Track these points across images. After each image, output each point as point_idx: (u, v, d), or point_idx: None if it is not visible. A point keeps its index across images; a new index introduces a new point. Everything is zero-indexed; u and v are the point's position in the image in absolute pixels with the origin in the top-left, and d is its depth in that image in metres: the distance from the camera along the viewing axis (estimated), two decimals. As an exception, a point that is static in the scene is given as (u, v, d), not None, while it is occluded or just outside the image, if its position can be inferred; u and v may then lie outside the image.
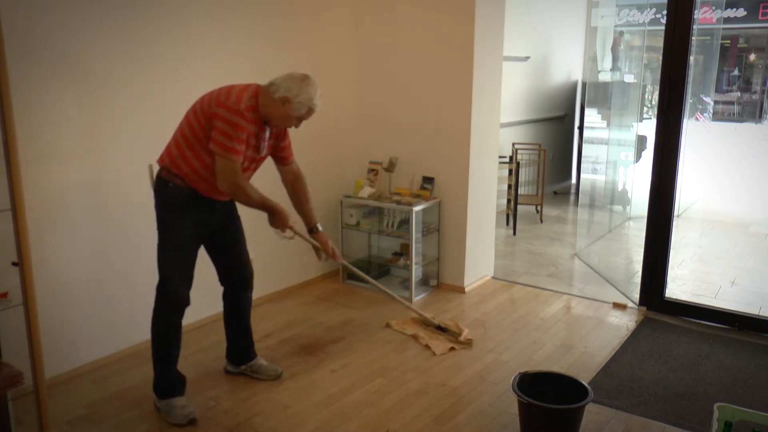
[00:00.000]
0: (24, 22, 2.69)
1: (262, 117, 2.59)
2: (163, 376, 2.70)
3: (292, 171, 2.91)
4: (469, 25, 3.94)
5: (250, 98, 2.53)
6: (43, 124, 2.82)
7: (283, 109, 2.56)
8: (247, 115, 2.49)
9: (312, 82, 2.60)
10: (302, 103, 2.57)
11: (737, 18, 14.00)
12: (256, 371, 3.03)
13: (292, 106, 2.56)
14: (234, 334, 3.03)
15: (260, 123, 2.60)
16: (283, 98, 2.54)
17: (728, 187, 8.60)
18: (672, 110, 3.66)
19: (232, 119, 2.47)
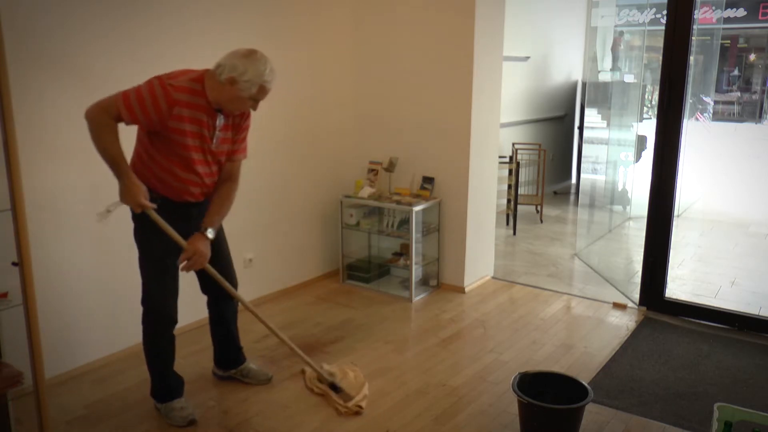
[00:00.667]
0: (24, 22, 2.69)
1: (213, 104, 2.38)
2: (159, 382, 2.69)
3: (231, 169, 2.62)
4: (469, 25, 3.94)
5: (190, 80, 2.34)
6: (43, 124, 2.82)
7: (231, 90, 2.34)
8: (173, 95, 2.28)
9: (259, 56, 2.38)
10: (251, 81, 2.34)
11: (737, 18, 13.99)
12: (245, 375, 2.99)
13: (240, 86, 2.33)
14: (221, 341, 2.97)
15: (208, 110, 2.39)
16: (230, 78, 2.32)
17: (728, 187, 8.60)
18: (672, 110, 3.66)
19: (155, 89, 2.28)
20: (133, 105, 2.27)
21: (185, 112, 2.33)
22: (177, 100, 2.30)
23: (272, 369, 3.13)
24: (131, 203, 2.38)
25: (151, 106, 2.28)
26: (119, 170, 2.34)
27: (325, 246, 4.49)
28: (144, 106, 2.27)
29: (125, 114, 2.28)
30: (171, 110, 2.30)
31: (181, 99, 2.31)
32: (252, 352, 3.31)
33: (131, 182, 2.35)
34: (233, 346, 2.99)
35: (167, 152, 2.42)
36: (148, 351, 2.65)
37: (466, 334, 3.61)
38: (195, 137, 2.39)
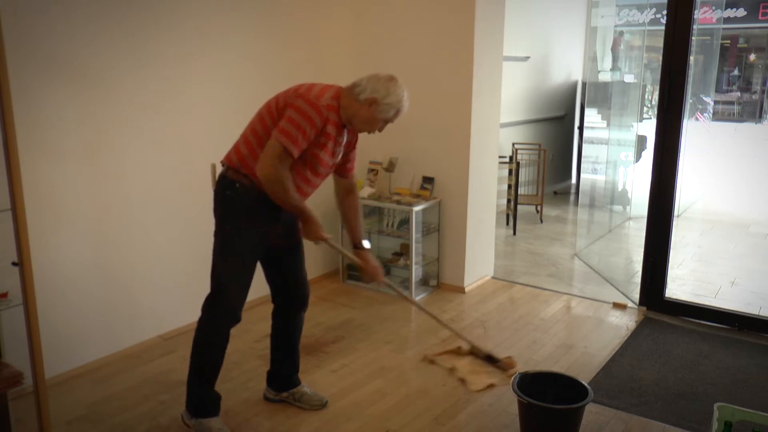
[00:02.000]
0: (24, 22, 2.69)
1: (344, 120, 2.41)
2: (199, 393, 2.52)
3: (348, 184, 2.68)
4: (469, 25, 3.94)
5: (331, 98, 2.37)
6: (43, 124, 2.82)
7: (369, 111, 2.38)
8: (325, 114, 2.31)
9: (400, 83, 2.42)
10: (391, 105, 2.38)
11: (737, 18, 14.00)
12: (298, 399, 2.79)
13: (380, 108, 2.37)
14: (280, 357, 2.78)
15: (340, 127, 2.42)
16: (371, 99, 2.36)
17: (728, 187, 8.60)
18: (672, 110, 3.66)
19: (307, 110, 2.28)
20: (297, 138, 2.27)
21: (330, 129, 2.36)
22: (328, 119, 2.33)
23: (272, 369, 3.14)
24: (314, 238, 2.50)
25: (310, 129, 2.30)
26: (303, 210, 2.42)
27: (326, 246, 4.48)
28: (304, 132, 2.28)
29: (294, 150, 2.28)
30: (325, 128, 2.34)
31: (330, 117, 2.34)
32: (252, 352, 3.31)
33: (314, 222, 2.46)
34: (293, 364, 2.81)
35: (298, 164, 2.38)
36: (199, 349, 2.51)
37: (466, 334, 3.60)
38: (327, 152, 2.42)
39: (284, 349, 2.77)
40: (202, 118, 3.48)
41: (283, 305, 2.73)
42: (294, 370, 2.82)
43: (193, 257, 3.51)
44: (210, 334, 2.50)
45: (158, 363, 3.20)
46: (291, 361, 2.80)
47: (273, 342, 2.79)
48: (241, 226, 2.42)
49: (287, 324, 2.75)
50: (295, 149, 2.27)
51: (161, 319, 3.45)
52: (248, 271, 2.48)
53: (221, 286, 2.46)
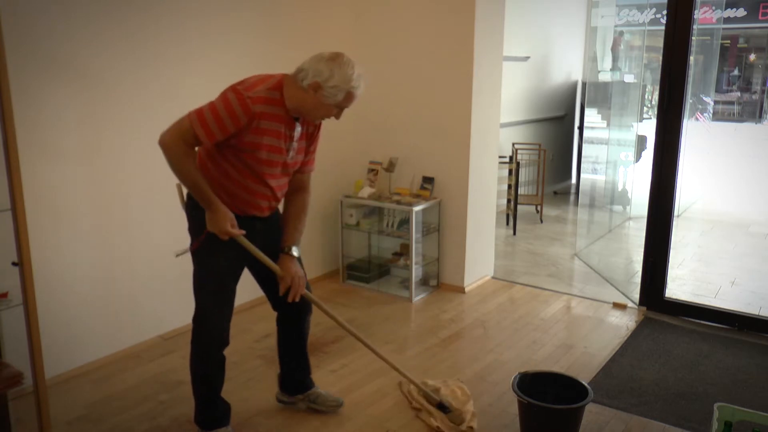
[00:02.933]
0: (24, 22, 2.69)
1: (292, 111, 2.20)
2: (205, 408, 2.47)
3: (302, 181, 2.46)
4: (469, 25, 3.94)
5: (268, 89, 2.14)
6: (43, 124, 2.82)
7: (315, 97, 2.15)
8: (252, 108, 2.09)
9: (346, 60, 2.19)
10: (337, 87, 2.14)
11: (737, 18, 14.00)
12: (313, 401, 2.71)
13: (324, 93, 2.14)
14: (289, 363, 2.70)
15: (287, 119, 2.21)
16: (314, 84, 2.13)
17: (728, 187, 8.60)
18: (672, 110, 3.66)
19: (231, 102, 2.08)
20: (210, 124, 2.08)
21: (264, 124, 2.14)
22: (256, 113, 2.11)
23: (272, 369, 3.14)
24: (219, 232, 2.20)
25: (230, 122, 2.09)
26: (205, 198, 2.17)
27: (325, 246, 4.49)
28: (222, 124, 2.08)
29: (203, 135, 2.09)
30: (251, 124, 2.11)
31: (260, 111, 2.11)
32: (252, 352, 3.31)
33: (219, 210, 2.18)
34: (302, 368, 2.72)
35: (238, 164, 2.22)
36: (194, 373, 2.43)
37: (466, 334, 3.61)
38: (271, 150, 2.20)
39: (292, 354, 2.69)
40: (202, 118, 3.47)
41: (285, 314, 2.62)
42: (305, 373, 2.74)
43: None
44: (202, 365, 2.41)
45: (158, 363, 3.20)
46: (301, 366, 2.72)
47: (280, 349, 2.70)
48: (213, 253, 2.27)
49: (292, 331, 2.65)
50: (203, 135, 2.08)
51: (161, 319, 3.45)
52: (227, 290, 2.35)
53: (201, 309, 2.34)
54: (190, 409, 2.74)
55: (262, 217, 2.37)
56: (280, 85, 2.18)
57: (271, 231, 2.42)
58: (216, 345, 2.38)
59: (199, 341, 2.39)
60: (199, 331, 2.37)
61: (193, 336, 2.38)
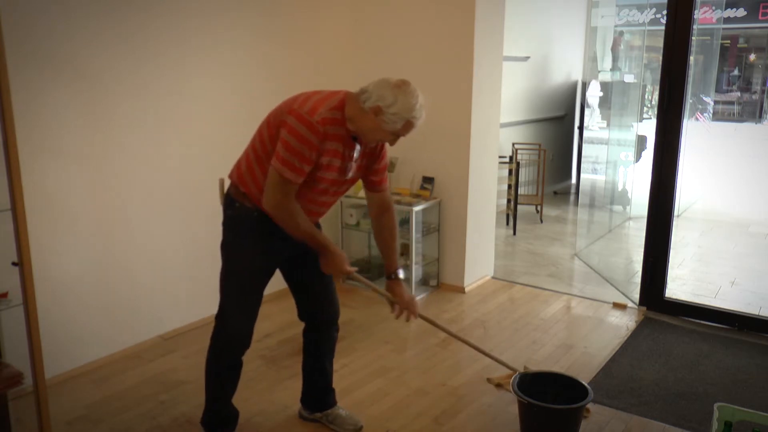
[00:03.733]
0: (24, 22, 2.69)
1: (351, 132, 2.15)
2: (214, 411, 2.45)
3: (382, 200, 2.42)
4: (469, 25, 3.94)
5: (331, 110, 2.10)
6: (43, 124, 2.82)
7: (375, 121, 2.10)
8: (320, 129, 2.05)
9: (411, 89, 2.17)
10: (398, 115, 2.11)
11: (737, 18, 13.99)
12: (332, 422, 2.63)
13: (384, 118, 2.10)
14: (311, 377, 2.63)
15: (347, 139, 2.16)
16: (375, 108, 2.09)
17: (728, 187, 8.60)
18: (672, 110, 3.66)
19: (300, 131, 2.04)
20: (296, 164, 2.06)
21: (329, 145, 2.11)
22: (325, 134, 2.08)
23: (272, 369, 3.14)
24: (336, 273, 2.29)
25: (308, 151, 2.06)
26: (319, 244, 2.21)
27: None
28: (303, 157, 2.06)
29: (296, 178, 2.08)
30: (323, 145, 2.09)
31: (328, 132, 2.08)
32: (252, 352, 3.30)
33: (334, 253, 2.23)
34: (324, 384, 2.64)
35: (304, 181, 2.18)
36: (208, 370, 2.41)
37: (466, 334, 3.60)
38: (332, 170, 2.17)
39: (315, 368, 2.61)
40: (202, 117, 3.48)
41: (311, 324, 2.56)
42: (326, 390, 2.65)
43: (193, 257, 3.51)
44: (216, 363, 2.39)
45: (158, 363, 3.20)
46: (322, 382, 2.64)
47: (305, 360, 2.64)
48: (242, 247, 2.28)
49: (318, 342, 2.57)
50: (296, 176, 2.08)
51: (161, 319, 3.45)
52: (252, 294, 2.32)
53: (225, 307, 2.33)
54: (190, 408, 2.74)
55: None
56: (342, 104, 2.14)
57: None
58: (233, 346, 2.35)
59: (217, 339, 2.37)
60: (219, 328, 2.36)
61: (213, 332, 2.38)
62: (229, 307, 2.32)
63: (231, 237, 2.29)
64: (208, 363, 2.41)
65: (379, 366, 3.20)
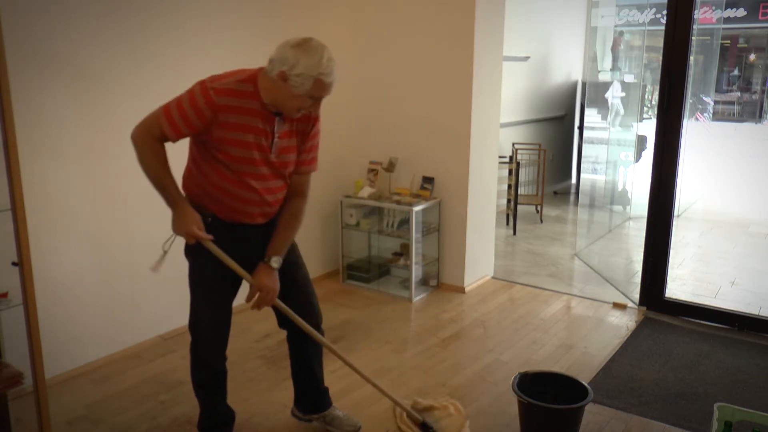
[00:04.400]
0: (24, 22, 2.69)
1: (270, 106, 2.04)
2: (207, 414, 2.41)
3: (298, 183, 2.27)
4: (469, 25, 3.94)
5: (238, 81, 2.01)
6: (43, 124, 2.82)
7: (284, 88, 1.97)
8: (213, 98, 1.96)
9: (313, 45, 1.97)
10: (303, 75, 1.94)
11: (737, 18, 13.98)
12: (329, 423, 2.58)
13: (292, 82, 1.95)
14: (302, 382, 2.57)
15: (264, 114, 2.04)
16: (280, 74, 1.96)
17: (728, 187, 8.60)
18: (672, 110, 3.66)
19: (195, 95, 1.98)
20: (175, 118, 1.98)
21: (232, 118, 2.00)
22: (221, 106, 1.98)
23: (272, 369, 3.14)
24: (183, 234, 2.08)
25: (195, 116, 1.98)
26: (169, 197, 2.06)
27: (325, 246, 4.49)
28: (186, 118, 1.98)
29: (168, 130, 2.00)
30: (216, 117, 1.98)
31: (225, 104, 1.98)
32: (252, 352, 3.31)
33: (183, 210, 2.06)
34: (315, 388, 2.57)
35: (217, 166, 2.08)
36: (194, 383, 2.37)
37: (466, 334, 3.61)
38: (247, 147, 2.04)
39: (304, 373, 2.55)
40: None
41: (293, 332, 2.46)
42: (318, 392, 2.59)
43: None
44: (197, 374, 2.34)
45: (158, 363, 3.20)
46: (314, 385, 2.57)
47: (292, 366, 2.57)
48: (200, 258, 2.16)
49: (302, 350, 2.49)
50: (169, 129, 1.99)
51: (161, 319, 3.45)
52: (218, 305, 2.23)
53: (191, 315, 2.26)
54: (189, 408, 2.74)
55: (256, 225, 2.20)
56: (254, 77, 2.04)
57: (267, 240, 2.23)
58: (209, 355, 2.28)
59: (193, 349, 2.31)
60: (193, 339, 2.30)
61: (190, 345, 2.32)
62: (199, 317, 2.25)
63: (190, 249, 2.18)
64: (192, 375, 2.35)
65: (379, 366, 3.20)
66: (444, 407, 2.67)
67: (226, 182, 2.09)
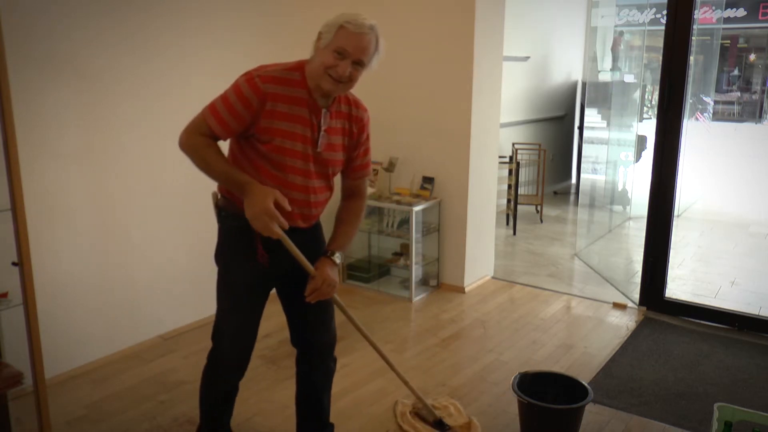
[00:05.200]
0: (24, 22, 2.69)
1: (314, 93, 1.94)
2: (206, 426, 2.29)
3: (356, 186, 2.20)
4: (469, 25, 3.94)
5: (285, 70, 1.93)
6: (43, 124, 2.82)
7: (317, 50, 1.92)
8: (259, 86, 1.86)
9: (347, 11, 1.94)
10: (330, 25, 1.89)
11: (737, 18, 13.99)
12: None
13: (322, 38, 1.90)
14: (304, 409, 2.36)
15: (311, 104, 1.95)
16: (318, 37, 1.94)
17: (728, 187, 8.60)
18: (672, 110, 3.66)
19: (240, 85, 1.89)
20: (222, 113, 1.88)
21: (280, 107, 1.89)
22: (268, 93, 1.87)
23: (272, 369, 3.14)
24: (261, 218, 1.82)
25: (242, 108, 1.87)
26: (240, 181, 1.88)
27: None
28: (234, 111, 1.87)
29: (216, 127, 1.89)
30: (263, 106, 1.88)
31: (273, 92, 1.88)
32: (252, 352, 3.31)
33: (256, 188, 1.85)
34: (318, 418, 2.35)
35: (260, 162, 1.95)
36: (203, 397, 2.24)
37: (466, 334, 3.61)
38: (294, 138, 1.93)
39: (309, 401, 2.34)
40: (202, 118, 3.48)
41: (303, 351, 2.31)
42: (321, 423, 2.37)
43: (193, 257, 3.51)
44: (208, 385, 2.22)
45: (158, 363, 3.20)
46: (318, 415, 2.35)
47: (297, 392, 2.36)
48: (231, 261, 2.07)
49: (310, 373, 2.30)
50: (218, 127, 1.89)
51: (161, 319, 3.45)
52: (243, 313, 2.10)
53: (215, 325, 2.15)
54: (189, 409, 2.74)
55: (296, 228, 2.02)
56: (301, 65, 1.96)
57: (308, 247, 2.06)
58: (228, 365, 2.16)
59: (210, 360, 2.20)
60: (213, 348, 2.18)
61: (209, 353, 2.20)
62: (224, 324, 2.13)
63: (222, 250, 2.09)
64: (202, 388, 2.24)
65: (379, 366, 3.19)
66: (444, 407, 2.69)
67: (270, 179, 1.94)
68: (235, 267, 2.07)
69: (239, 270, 2.06)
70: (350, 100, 2.11)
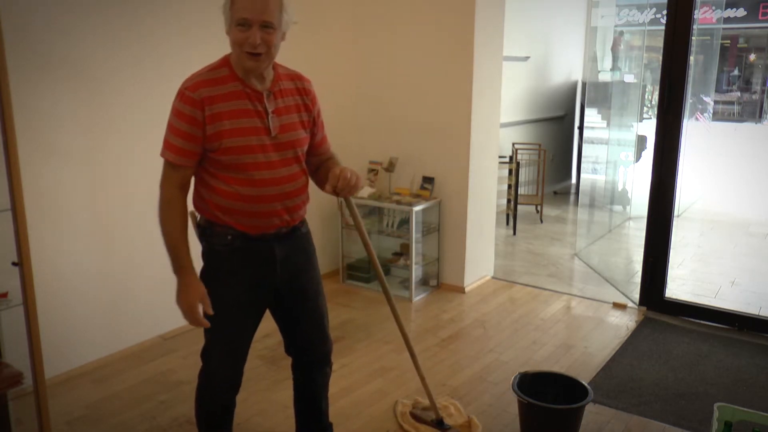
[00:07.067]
0: (24, 22, 2.69)
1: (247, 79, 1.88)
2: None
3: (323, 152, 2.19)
4: (469, 25, 3.94)
5: (210, 70, 1.87)
6: (43, 124, 2.82)
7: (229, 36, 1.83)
8: (191, 95, 1.80)
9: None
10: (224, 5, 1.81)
11: (737, 18, 13.99)
12: None
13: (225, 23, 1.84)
14: (303, 415, 2.33)
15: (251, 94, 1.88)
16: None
17: (728, 187, 8.60)
18: (672, 110, 3.66)
19: (175, 105, 1.84)
20: (174, 142, 1.82)
21: (218, 107, 1.82)
22: (203, 99, 1.81)
23: (272, 369, 3.14)
24: (185, 308, 1.87)
25: (188, 126, 1.81)
26: (178, 258, 1.88)
27: (325, 246, 4.48)
28: (181, 132, 1.81)
29: (175, 158, 1.82)
30: (204, 114, 1.81)
31: (207, 95, 1.81)
32: (252, 352, 3.28)
33: (190, 282, 1.87)
34: (318, 421, 2.32)
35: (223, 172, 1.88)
36: (198, 414, 2.16)
37: (466, 334, 3.61)
38: (242, 134, 1.85)
39: (308, 406, 2.30)
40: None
41: (300, 361, 2.24)
42: (321, 427, 2.34)
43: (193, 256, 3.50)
44: (201, 402, 2.14)
45: (158, 363, 3.20)
46: (317, 420, 2.32)
47: (295, 397, 2.33)
48: (219, 279, 1.98)
49: (308, 382, 2.25)
50: (174, 156, 1.82)
51: (161, 319, 3.45)
52: (234, 334, 2.01)
53: (204, 349, 2.07)
54: (189, 409, 2.73)
55: (280, 235, 1.98)
56: (226, 60, 1.89)
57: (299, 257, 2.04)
58: (218, 387, 2.08)
59: (202, 381, 2.11)
60: (204, 369, 2.10)
61: (199, 371, 2.12)
62: (212, 345, 2.05)
63: (207, 270, 2.01)
64: (196, 404, 2.15)
65: (379, 366, 3.20)
66: (444, 407, 2.69)
67: (237, 185, 1.88)
68: (225, 286, 1.98)
69: (229, 288, 1.98)
70: (291, 75, 2.03)
